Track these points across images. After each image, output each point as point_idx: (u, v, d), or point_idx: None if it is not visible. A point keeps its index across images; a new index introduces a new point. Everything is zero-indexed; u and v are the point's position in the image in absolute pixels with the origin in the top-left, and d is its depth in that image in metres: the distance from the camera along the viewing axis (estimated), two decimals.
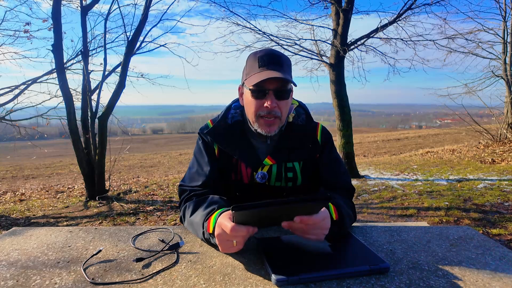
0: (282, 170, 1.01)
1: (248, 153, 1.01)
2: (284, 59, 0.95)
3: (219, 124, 1.05)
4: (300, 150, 1.03)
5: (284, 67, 0.94)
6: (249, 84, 0.92)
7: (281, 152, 1.01)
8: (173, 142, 29.26)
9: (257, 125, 0.97)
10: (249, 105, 0.96)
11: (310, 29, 6.44)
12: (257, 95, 0.93)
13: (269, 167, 1.00)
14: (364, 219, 3.41)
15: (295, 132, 1.04)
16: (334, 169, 1.06)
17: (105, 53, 5.20)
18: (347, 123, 5.77)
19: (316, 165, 1.06)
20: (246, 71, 0.97)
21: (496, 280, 0.65)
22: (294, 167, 1.02)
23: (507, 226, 2.92)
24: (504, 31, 9.24)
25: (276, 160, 1.00)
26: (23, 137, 5.80)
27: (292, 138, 1.03)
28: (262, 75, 0.90)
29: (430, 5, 5.42)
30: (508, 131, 8.88)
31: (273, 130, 0.96)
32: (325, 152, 1.06)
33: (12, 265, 0.76)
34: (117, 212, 4.05)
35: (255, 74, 0.92)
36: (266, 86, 0.91)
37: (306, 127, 1.06)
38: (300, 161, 1.03)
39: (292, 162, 1.02)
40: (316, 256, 0.73)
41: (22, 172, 9.88)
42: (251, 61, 0.96)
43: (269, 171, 1.01)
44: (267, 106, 0.92)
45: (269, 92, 0.92)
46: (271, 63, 0.92)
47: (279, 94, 0.93)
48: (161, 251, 0.81)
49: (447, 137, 15.53)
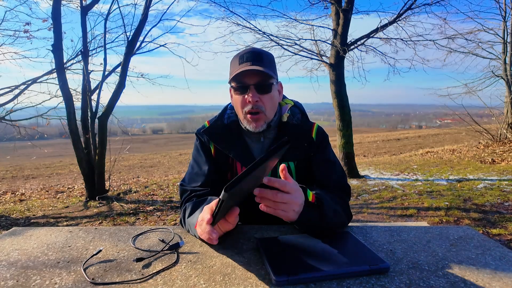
0: (277, 170, 1.01)
1: (243, 153, 1.02)
2: (266, 55, 0.98)
3: (215, 124, 1.07)
4: (295, 150, 1.03)
5: (264, 62, 0.95)
6: (231, 82, 0.96)
7: None
8: (173, 142, 29.27)
9: (245, 122, 0.99)
10: (235, 103, 0.99)
11: (310, 29, 6.44)
12: (239, 91, 0.96)
13: None
14: (364, 219, 3.41)
15: (290, 132, 1.04)
16: (328, 168, 1.05)
17: (105, 53, 5.20)
18: (347, 123, 5.77)
19: (309, 167, 1.05)
20: (230, 71, 0.99)
21: (496, 280, 0.65)
22: (289, 167, 1.02)
23: (507, 226, 2.92)
24: (504, 31, 9.24)
25: None
26: (23, 137, 5.80)
27: (286, 136, 1.04)
28: (240, 68, 0.92)
29: (430, 5, 5.43)
30: (508, 131, 8.89)
31: (259, 126, 0.98)
32: (320, 152, 1.06)
33: (12, 265, 0.76)
34: (117, 212, 4.05)
35: (234, 71, 0.95)
36: (246, 81, 0.94)
37: (301, 126, 1.06)
38: (295, 160, 1.03)
39: (287, 162, 1.02)
40: (316, 256, 0.73)
41: (22, 172, 9.89)
42: (234, 61, 0.98)
43: None
44: (249, 101, 0.94)
45: (250, 87, 0.94)
46: (251, 60, 0.94)
47: (260, 88, 0.95)
48: (161, 251, 0.81)
49: (447, 137, 15.54)
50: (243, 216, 1.12)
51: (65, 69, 4.81)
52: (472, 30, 8.67)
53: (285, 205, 0.75)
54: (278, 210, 0.76)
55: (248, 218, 1.11)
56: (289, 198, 0.75)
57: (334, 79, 5.70)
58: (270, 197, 0.74)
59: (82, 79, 4.95)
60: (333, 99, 5.78)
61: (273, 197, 0.74)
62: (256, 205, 0.89)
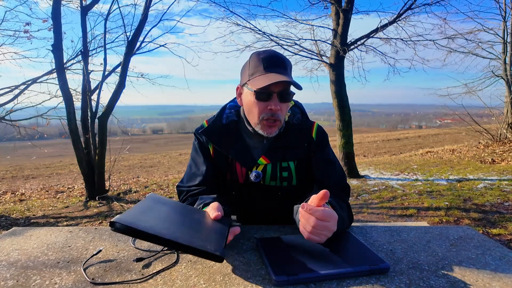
0: (277, 170, 1.01)
1: (242, 153, 1.01)
2: (288, 62, 0.96)
3: (214, 124, 1.06)
4: (295, 150, 1.03)
5: (288, 70, 0.95)
6: (255, 87, 0.92)
7: (276, 152, 1.01)
8: (173, 142, 29.25)
9: (259, 127, 0.96)
10: (251, 106, 0.96)
11: (310, 29, 6.44)
12: (262, 97, 0.93)
13: (264, 166, 1.00)
14: (364, 219, 3.41)
15: (290, 131, 1.03)
16: (328, 168, 1.04)
17: (105, 53, 5.20)
18: (347, 123, 5.77)
19: (309, 166, 1.05)
20: (249, 72, 0.96)
21: (496, 280, 0.65)
22: (289, 167, 1.02)
23: (507, 226, 2.92)
24: (504, 31, 9.24)
25: (271, 159, 1.00)
26: (23, 137, 5.79)
27: (287, 137, 1.03)
28: (270, 77, 0.89)
29: (430, 5, 5.42)
30: (508, 131, 8.88)
31: (273, 132, 0.97)
32: (319, 151, 1.05)
33: (12, 265, 0.76)
34: (117, 212, 4.05)
35: (260, 76, 0.92)
36: (271, 89, 0.92)
37: (301, 126, 1.06)
38: (295, 160, 1.03)
39: (287, 162, 1.02)
40: (316, 256, 0.73)
41: (22, 172, 9.88)
42: (255, 62, 0.95)
43: (263, 171, 1.01)
44: (271, 109, 0.92)
45: (273, 95, 0.92)
46: (276, 66, 0.93)
47: (283, 97, 0.93)
48: (161, 251, 0.81)
49: (447, 137, 15.54)
50: (244, 216, 1.12)
51: (65, 69, 4.81)
52: (472, 30, 8.67)
53: (320, 232, 0.73)
54: (313, 235, 0.74)
55: (248, 218, 1.11)
56: (327, 225, 0.73)
57: (334, 79, 5.70)
58: (312, 224, 0.72)
59: (82, 79, 4.95)
60: (333, 99, 5.78)
61: (315, 225, 0.72)
62: (256, 205, 0.89)
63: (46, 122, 6.07)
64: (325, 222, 0.72)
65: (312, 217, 0.72)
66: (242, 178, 1.02)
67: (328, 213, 0.72)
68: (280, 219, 1.04)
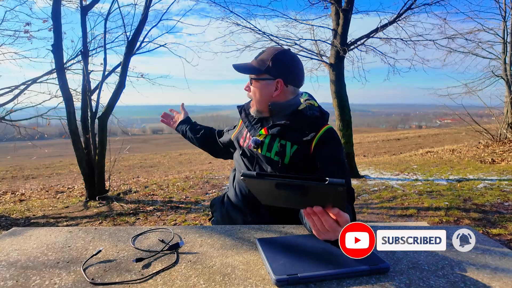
0: (273, 143, 1.10)
1: (253, 124, 1.21)
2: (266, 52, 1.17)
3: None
4: (295, 132, 1.09)
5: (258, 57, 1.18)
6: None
7: (276, 128, 1.12)
8: (173, 142, 29.22)
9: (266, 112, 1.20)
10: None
11: (310, 29, 6.44)
12: None
13: (264, 137, 1.14)
14: (364, 219, 3.41)
15: (297, 117, 1.13)
16: (335, 166, 1.04)
17: (105, 53, 5.19)
18: (347, 123, 5.77)
19: (309, 160, 1.06)
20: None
21: (496, 280, 0.65)
22: (285, 145, 1.09)
23: (507, 226, 2.92)
24: (504, 31, 9.24)
25: (269, 131, 1.12)
26: (23, 137, 5.79)
27: (293, 121, 1.12)
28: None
29: (430, 5, 5.43)
30: (508, 131, 8.89)
31: (252, 111, 1.20)
32: (325, 149, 1.06)
33: (12, 265, 0.76)
34: (117, 212, 4.05)
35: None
36: None
37: (313, 120, 1.13)
38: (293, 144, 1.08)
39: (285, 141, 1.10)
40: (316, 256, 0.73)
41: (22, 172, 9.88)
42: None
43: (263, 141, 1.14)
44: None
45: None
46: None
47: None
48: (161, 251, 0.81)
49: (447, 137, 15.54)
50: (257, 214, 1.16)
51: (65, 69, 4.81)
52: (472, 30, 8.66)
53: (328, 231, 0.72)
54: (321, 232, 0.73)
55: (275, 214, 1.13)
56: (336, 227, 0.72)
57: (334, 79, 5.70)
58: (323, 221, 0.71)
59: (82, 79, 4.94)
60: (333, 99, 5.78)
61: (325, 222, 0.71)
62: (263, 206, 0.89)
63: (47, 123, 6.07)
64: (337, 224, 0.71)
65: (326, 214, 0.71)
66: (247, 144, 1.21)
67: (344, 216, 0.71)
68: (281, 220, 1.05)
